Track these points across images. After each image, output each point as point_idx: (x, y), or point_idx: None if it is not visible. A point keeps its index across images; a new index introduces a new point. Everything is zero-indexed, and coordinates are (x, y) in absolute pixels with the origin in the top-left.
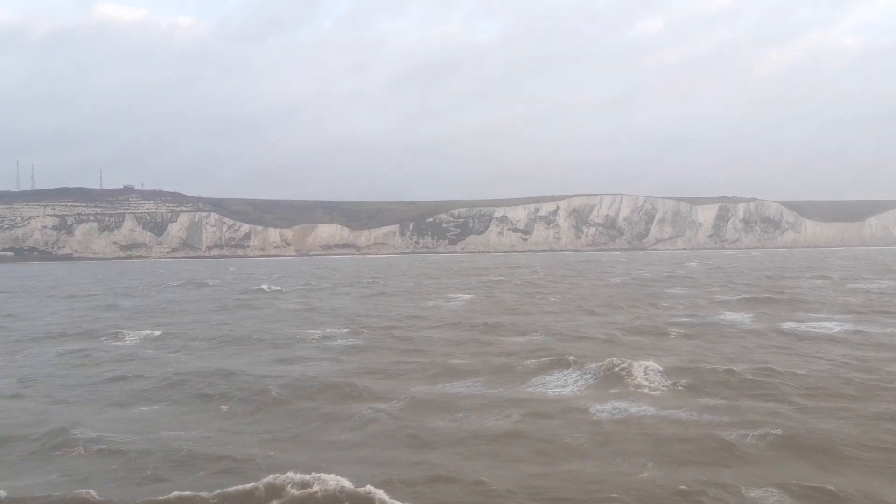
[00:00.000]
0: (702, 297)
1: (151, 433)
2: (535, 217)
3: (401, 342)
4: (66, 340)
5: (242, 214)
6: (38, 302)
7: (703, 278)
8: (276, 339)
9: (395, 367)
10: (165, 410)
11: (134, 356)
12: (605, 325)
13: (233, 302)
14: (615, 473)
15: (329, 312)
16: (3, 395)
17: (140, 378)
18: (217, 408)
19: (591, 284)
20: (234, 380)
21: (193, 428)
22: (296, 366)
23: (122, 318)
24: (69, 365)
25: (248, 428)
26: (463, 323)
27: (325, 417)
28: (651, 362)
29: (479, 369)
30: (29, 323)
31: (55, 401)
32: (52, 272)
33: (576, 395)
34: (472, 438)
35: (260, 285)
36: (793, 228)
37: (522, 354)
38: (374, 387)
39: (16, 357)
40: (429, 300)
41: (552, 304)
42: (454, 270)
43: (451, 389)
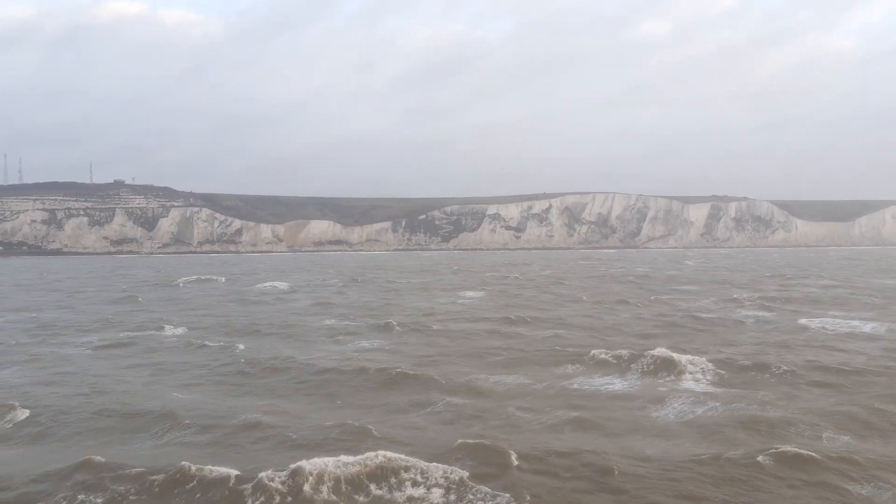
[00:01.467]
0: (713, 293)
1: (281, 414)
2: (528, 215)
3: (436, 336)
4: (133, 335)
5: (234, 210)
6: (69, 297)
7: (707, 276)
8: (319, 333)
9: (442, 359)
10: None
11: (203, 347)
12: (629, 320)
13: (252, 298)
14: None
15: (352, 307)
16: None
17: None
18: (328, 394)
19: (598, 281)
20: (313, 369)
21: (312, 410)
22: (357, 355)
23: (164, 313)
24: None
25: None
26: (489, 317)
27: (411, 403)
28: (695, 356)
29: (522, 362)
30: (83, 317)
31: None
32: (48, 267)
33: (628, 391)
34: (549, 428)
35: (266, 282)
36: (783, 228)
37: (559, 348)
38: (435, 376)
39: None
40: (441, 296)
41: (566, 300)
42: (455, 268)
43: (510, 381)
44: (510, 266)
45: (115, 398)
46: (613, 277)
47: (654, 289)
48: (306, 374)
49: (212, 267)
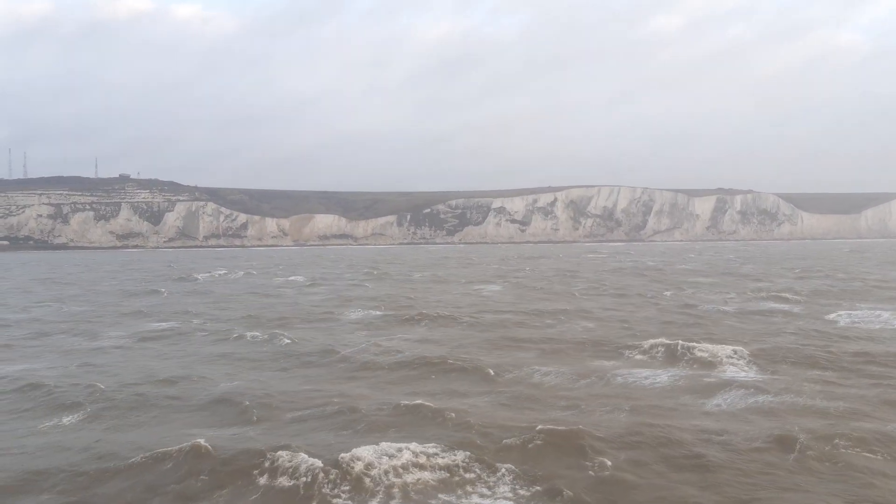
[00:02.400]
0: (733, 286)
1: (356, 398)
2: (533, 208)
3: (468, 328)
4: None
5: (239, 204)
6: (91, 291)
7: (720, 269)
8: (353, 325)
9: (483, 350)
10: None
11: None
12: (655, 313)
13: (272, 291)
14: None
15: (376, 300)
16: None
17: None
18: (389, 381)
19: (613, 275)
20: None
21: (384, 395)
22: (402, 346)
23: (191, 305)
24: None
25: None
26: (515, 310)
27: (471, 390)
28: (736, 347)
29: (560, 354)
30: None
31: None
32: (58, 261)
33: (675, 383)
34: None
35: (282, 276)
36: (789, 220)
37: (594, 341)
38: (483, 366)
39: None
40: (460, 289)
41: (587, 293)
42: (464, 261)
43: (555, 372)
44: (519, 259)
45: (189, 385)
46: (627, 271)
47: (672, 281)
48: (358, 363)
49: (223, 261)
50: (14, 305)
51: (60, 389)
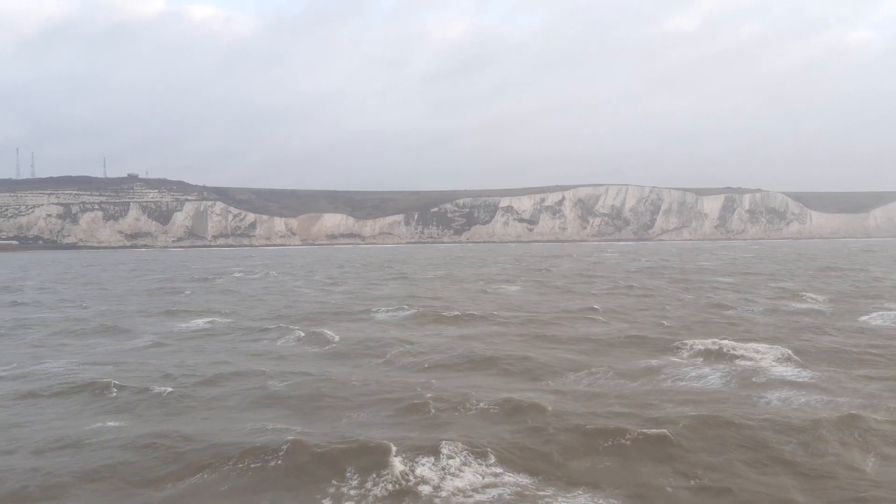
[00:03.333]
0: (757, 286)
1: (444, 390)
2: (541, 207)
3: (506, 325)
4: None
5: (247, 203)
6: (114, 290)
7: (739, 268)
8: (389, 321)
9: (532, 348)
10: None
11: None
12: (687, 313)
13: (292, 287)
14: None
15: (403, 298)
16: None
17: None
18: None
19: (632, 275)
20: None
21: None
22: (454, 342)
23: (218, 303)
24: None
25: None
26: (545, 310)
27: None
28: (777, 346)
29: (602, 354)
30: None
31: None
32: (70, 261)
33: (726, 384)
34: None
35: (302, 275)
36: (798, 219)
37: (634, 341)
38: (541, 362)
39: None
40: (482, 288)
41: (612, 292)
42: (476, 260)
43: (603, 372)
44: (532, 259)
45: (258, 379)
46: (645, 271)
47: (692, 281)
48: (420, 356)
49: (235, 261)
50: (47, 304)
51: (128, 387)
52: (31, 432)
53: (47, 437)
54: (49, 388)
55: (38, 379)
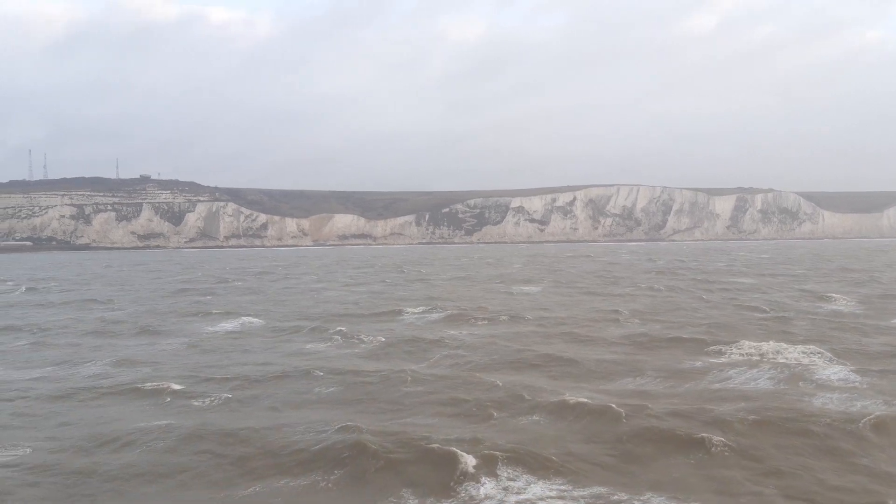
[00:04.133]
0: (780, 287)
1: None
2: (552, 207)
3: (535, 325)
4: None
5: (259, 204)
6: (144, 290)
7: (759, 269)
8: (425, 319)
9: (569, 347)
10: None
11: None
12: (720, 315)
13: (313, 287)
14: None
15: (430, 299)
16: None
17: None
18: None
19: (651, 276)
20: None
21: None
22: (502, 342)
23: (247, 304)
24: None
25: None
26: (575, 310)
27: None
28: (817, 346)
29: (643, 354)
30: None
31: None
32: (87, 262)
33: (776, 386)
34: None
35: (313, 274)
36: (810, 219)
37: (672, 343)
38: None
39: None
40: (504, 289)
41: (635, 293)
42: (490, 261)
43: (651, 374)
44: (548, 259)
45: (306, 380)
46: (665, 272)
47: (715, 282)
48: (461, 357)
49: (251, 261)
50: (76, 304)
51: (180, 388)
52: (77, 430)
53: (103, 434)
54: (100, 389)
55: (86, 379)
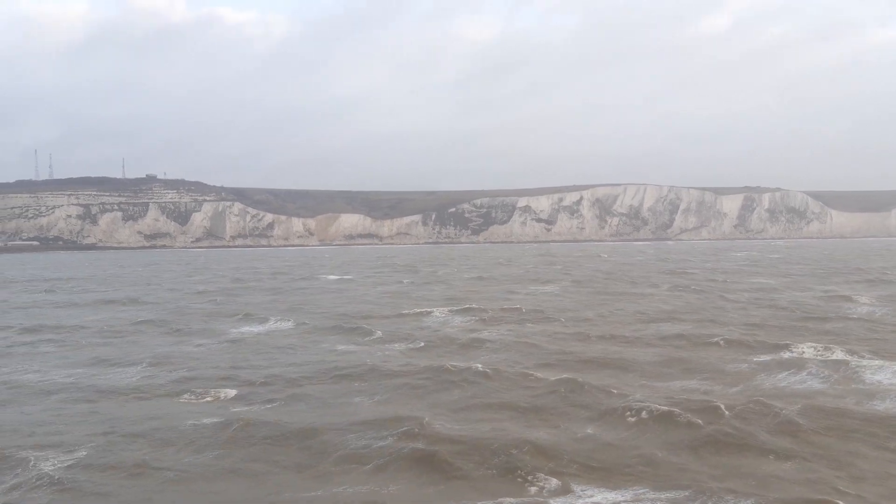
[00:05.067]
0: (798, 287)
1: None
2: (559, 207)
3: (569, 325)
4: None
5: (265, 204)
6: (174, 289)
7: (775, 269)
8: (457, 319)
9: (614, 350)
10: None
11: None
12: (745, 315)
13: (333, 287)
14: None
15: (454, 299)
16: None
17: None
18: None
19: (668, 276)
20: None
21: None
22: (543, 339)
23: (273, 304)
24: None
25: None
26: (600, 310)
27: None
28: (860, 347)
29: (690, 356)
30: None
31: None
32: (97, 262)
33: (831, 387)
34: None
35: (330, 275)
36: (818, 219)
37: (713, 346)
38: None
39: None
40: (522, 289)
41: (658, 294)
42: (501, 261)
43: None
44: (559, 259)
45: (367, 377)
46: (680, 272)
47: (735, 282)
48: (508, 354)
49: (263, 261)
50: (107, 306)
51: (245, 387)
52: (128, 427)
53: (154, 431)
54: (143, 388)
55: (127, 378)
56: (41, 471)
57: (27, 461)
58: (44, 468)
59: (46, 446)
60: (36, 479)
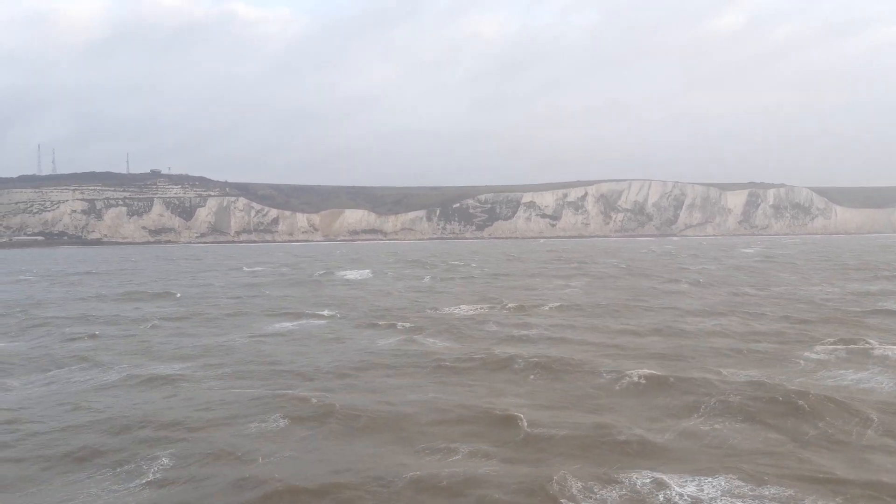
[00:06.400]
0: (827, 282)
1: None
2: (564, 203)
3: (630, 320)
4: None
5: (269, 199)
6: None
7: (791, 265)
8: (498, 316)
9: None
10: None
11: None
12: (786, 309)
13: (356, 283)
14: None
15: (479, 295)
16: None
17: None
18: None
19: (684, 271)
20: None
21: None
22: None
23: (303, 301)
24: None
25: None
26: (635, 304)
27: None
28: None
29: (745, 352)
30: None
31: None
32: (106, 257)
33: None
34: None
35: (345, 271)
36: (823, 215)
37: (759, 341)
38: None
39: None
40: (544, 284)
41: (685, 289)
42: (513, 257)
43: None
44: (571, 255)
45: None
46: (694, 267)
47: (761, 279)
48: (581, 347)
49: (273, 256)
50: (132, 303)
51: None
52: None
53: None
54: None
55: (182, 370)
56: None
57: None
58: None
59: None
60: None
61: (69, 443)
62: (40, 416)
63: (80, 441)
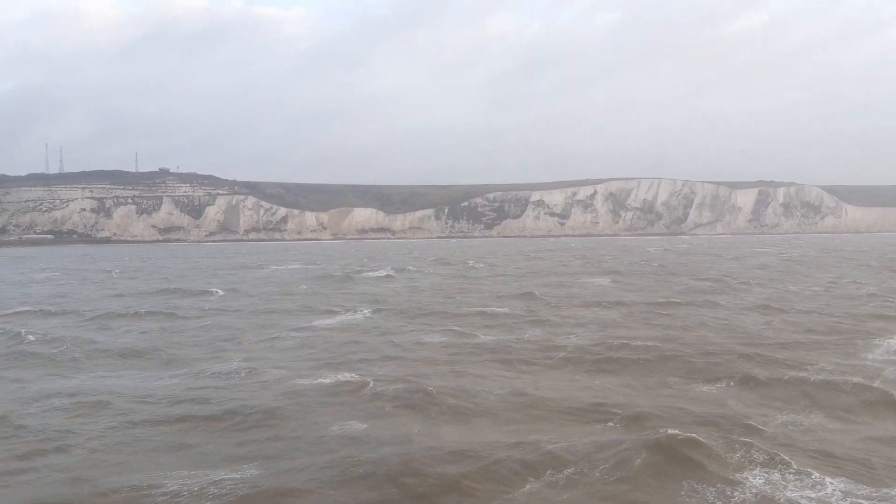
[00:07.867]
0: (858, 283)
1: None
2: (573, 201)
3: (675, 316)
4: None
5: (277, 198)
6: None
7: (816, 265)
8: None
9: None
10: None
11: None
12: (834, 308)
13: (381, 282)
14: None
15: (511, 296)
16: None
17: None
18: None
19: (706, 268)
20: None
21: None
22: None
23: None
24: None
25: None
26: (674, 300)
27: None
28: None
29: (807, 348)
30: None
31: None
32: (122, 255)
33: None
34: None
35: (368, 270)
36: (833, 213)
37: (814, 337)
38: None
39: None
40: (573, 281)
41: (707, 286)
42: (531, 255)
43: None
44: (584, 253)
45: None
46: (714, 265)
47: (789, 278)
48: (654, 344)
49: (287, 254)
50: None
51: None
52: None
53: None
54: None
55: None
56: None
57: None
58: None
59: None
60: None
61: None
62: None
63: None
